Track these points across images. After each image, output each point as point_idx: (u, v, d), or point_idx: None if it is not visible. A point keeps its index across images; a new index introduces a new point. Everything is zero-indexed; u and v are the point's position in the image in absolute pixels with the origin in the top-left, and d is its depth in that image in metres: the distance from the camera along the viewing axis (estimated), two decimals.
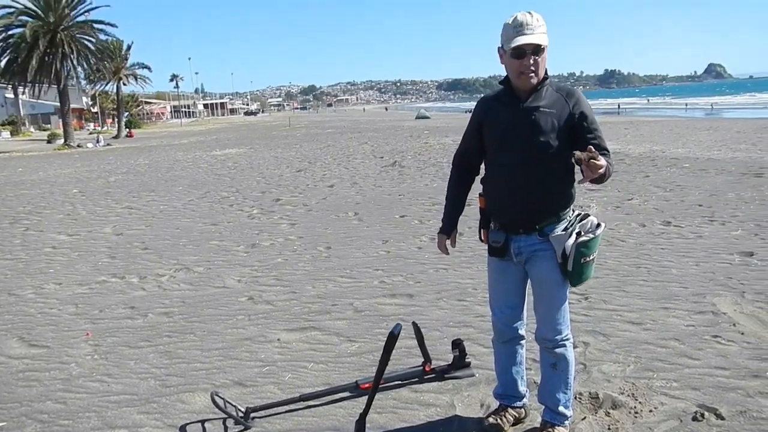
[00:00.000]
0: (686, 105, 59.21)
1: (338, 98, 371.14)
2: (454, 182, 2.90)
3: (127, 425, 3.04)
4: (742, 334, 3.81)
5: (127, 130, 47.42)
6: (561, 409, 2.72)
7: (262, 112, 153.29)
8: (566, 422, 2.74)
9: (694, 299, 4.47)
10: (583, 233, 2.52)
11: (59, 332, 4.46)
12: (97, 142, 34.78)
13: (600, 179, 2.36)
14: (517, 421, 2.86)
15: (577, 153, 2.25)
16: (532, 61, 2.44)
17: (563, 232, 2.54)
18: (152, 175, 15.57)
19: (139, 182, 14.03)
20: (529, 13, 2.45)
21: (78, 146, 32.86)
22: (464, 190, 2.88)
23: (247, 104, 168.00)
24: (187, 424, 3.04)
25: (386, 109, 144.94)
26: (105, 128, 59.82)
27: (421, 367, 3.39)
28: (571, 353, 2.71)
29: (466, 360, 3.44)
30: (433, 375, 3.39)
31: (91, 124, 64.82)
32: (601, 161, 2.24)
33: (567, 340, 2.69)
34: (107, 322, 4.63)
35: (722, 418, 2.82)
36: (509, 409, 2.85)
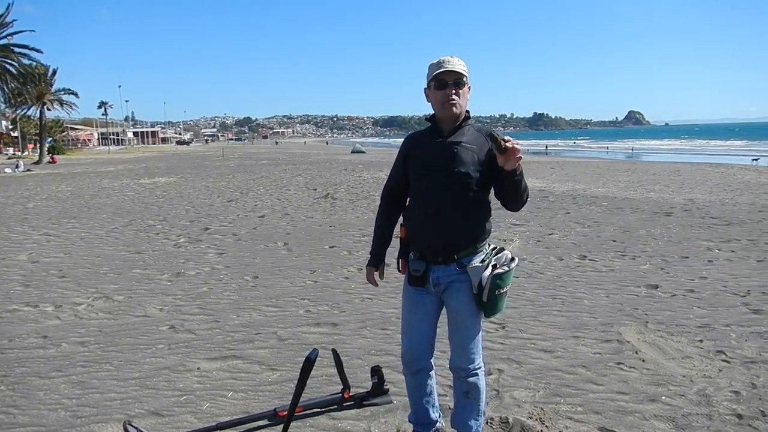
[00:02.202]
0: (608, 148, 62.51)
1: (274, 131, 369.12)
2: (381, 216, 2.99)
3: None
4: (643, 361, 4.07)
5: (50, 155, 45.48)
6: None
7: (205, 142, 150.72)
8: None
9: (603, 328, 4.74)
10: (498, 266, 2.64)
11: None
12: (16, 167, 33.14)
13: (516, 180, 2.52)
14: None
15: (495, 145, 2.41)
16: (453, 91, 2.62)
17: (480, 264, 2.64)
18: (74, 201, 15.00)
19: (59, 209, 13.48)
20: (452, 56, 2.65)
21: None
22: (391, 223, 2.97)
23: (180, 134, 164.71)
24: None
25: (327, 143, 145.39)
26: (26, 153, 57.20)
27: (340, 394, 3.44)
28: (482, 382, 2.81)
29: (385, 387, 3.52)
30: (352, 402, 3.44)
31: (11, 149, 61.85)
32: (518, 146, 2.41)
33: (479, 368, 2.79)
34: (17, 352, 4.43)
35: None
36: None
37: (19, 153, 56.97)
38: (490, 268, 2.62)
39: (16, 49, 34.77)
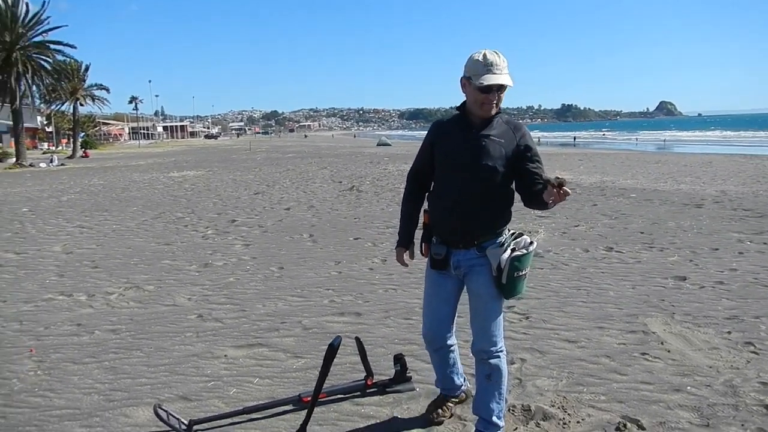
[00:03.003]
0: (636, 139, 61.53)
1: (300, 124, 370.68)
2: (407, 198, 3.07)
3: None
4: (669, 351, 4.04)
5: (83, 150, 46.49)
6: (494, 419, 2.86)
7: (237, 136, 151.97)
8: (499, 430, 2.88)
9: (628, 319, 4.71)
10: (517, 249, 2.71)
11: (1, 348, 4.40)
12: (51, 161, 33.97)
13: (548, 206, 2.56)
14: (458, 404, 3.18)
15: (554, 178, 2.40)
16: (496, 97, 2.67)
17: (499, 248, 2.73)
18: (106, 195, 15.33)
19: (92, 202, 13.80)
20: (497, 53, 2.65)
21: (30, 165, 32.01)
22: (417, 205, 3.05)
23: (208, 127, 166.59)
24: None
25: (355, 135, 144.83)
26: (60, 148, 58.52)
27: (364, 381, 3.49)
28: (504, 365, 2.86)
29: (407, 375, 3.56)
30: (375, 389, 3.49)
31: (45, 144, 63.34)
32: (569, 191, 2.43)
33: (501, 351, 2.84)
34: (52, 339, 4.58)
35: (643, 429, 3.00)
36: (450, 399, 3.16)
37: (54, 148, 58.29)
38: (508, 251, 2.69)
39: (51, 46, 35.47)
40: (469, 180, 2.71)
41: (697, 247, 7.36)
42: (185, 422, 3.07)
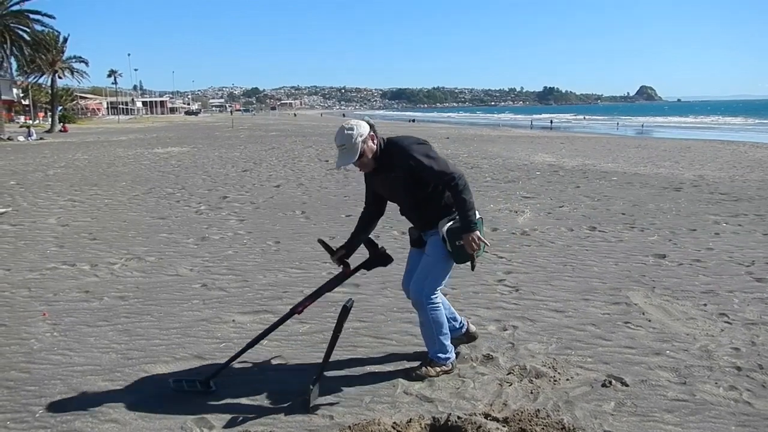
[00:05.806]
0: (617, 124, 62.13)
1: (282, 102, 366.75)
2: (359, 223, 3.71)
3: (93, 390, 3.25)
4: (650, 321, 4.34)
5: (61, 124, 45.74)
6: (437, 354, 3.43)
7: (231, 113, 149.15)
8: (441, 361, 3.44)
9: (611, 292, 5.01)
10: (455, 223, 3.24)
11: (14, 312, 4.57)
12: (29, 135, 33.43)
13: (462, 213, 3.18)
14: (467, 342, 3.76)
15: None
16: (359, 167, 3.32)
17: (446, 223, 3.28)
18: (93, 170, 15.31)
19: (79, 176, 13.80)
20: (344, 129, 3.22)
21: (8, 139, 31.53)
22: (365, 227, 3.66)
23: (188, 104, 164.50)
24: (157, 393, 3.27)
25: (344, 114, 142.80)
26: (37, 122, 57.49)
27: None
28: (431, 319, 3.35)
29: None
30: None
31: (22, 117, 62.16)
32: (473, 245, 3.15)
33: (424, 305, 3.32)
34: (63, 304, 4.75)
35: (626, 385, 3.30)
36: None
37: (30, 121, 57.24)
38: (448, 224, 3.25)
39: (30, 15, 34.67)
40: (399, 203, 3.45)
41: (676, 227, 7.70)
42: (201, 380, 3.28)
